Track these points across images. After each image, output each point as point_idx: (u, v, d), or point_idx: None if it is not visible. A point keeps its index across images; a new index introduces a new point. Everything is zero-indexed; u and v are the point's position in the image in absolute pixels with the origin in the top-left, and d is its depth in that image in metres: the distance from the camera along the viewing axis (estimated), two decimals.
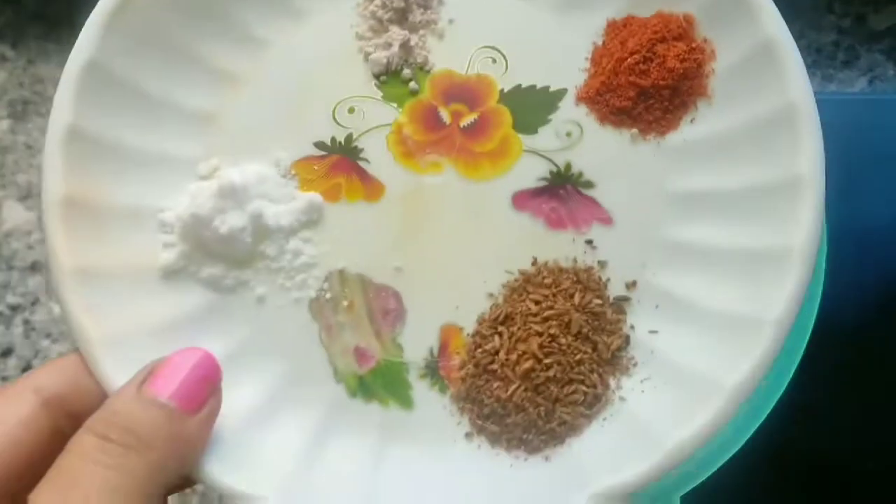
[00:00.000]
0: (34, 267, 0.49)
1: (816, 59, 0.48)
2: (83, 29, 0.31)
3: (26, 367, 0.48)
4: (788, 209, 0.29)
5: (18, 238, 0.50)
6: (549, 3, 0.33)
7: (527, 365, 0.29)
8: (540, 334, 0.30)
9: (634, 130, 0.32)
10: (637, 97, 0.32)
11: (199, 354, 0.28)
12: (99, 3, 0.31)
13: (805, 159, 0.29)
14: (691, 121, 0.32)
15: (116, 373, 0.28)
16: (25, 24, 0.52)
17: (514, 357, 0.30)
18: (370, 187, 0.32)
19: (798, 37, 0.50)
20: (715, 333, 0.29)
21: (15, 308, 0.49)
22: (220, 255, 0.31)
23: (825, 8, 0.49)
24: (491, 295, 0.31)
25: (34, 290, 0.49)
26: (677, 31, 0.32)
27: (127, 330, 0.29)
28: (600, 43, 0.33)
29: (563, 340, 0.30)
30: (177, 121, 0.32)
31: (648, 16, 0.32)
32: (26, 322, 0.49)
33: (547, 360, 0.30)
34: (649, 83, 0.32)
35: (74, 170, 0.30)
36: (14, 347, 0.48)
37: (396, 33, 0.33)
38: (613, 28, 0.33)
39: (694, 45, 0.32)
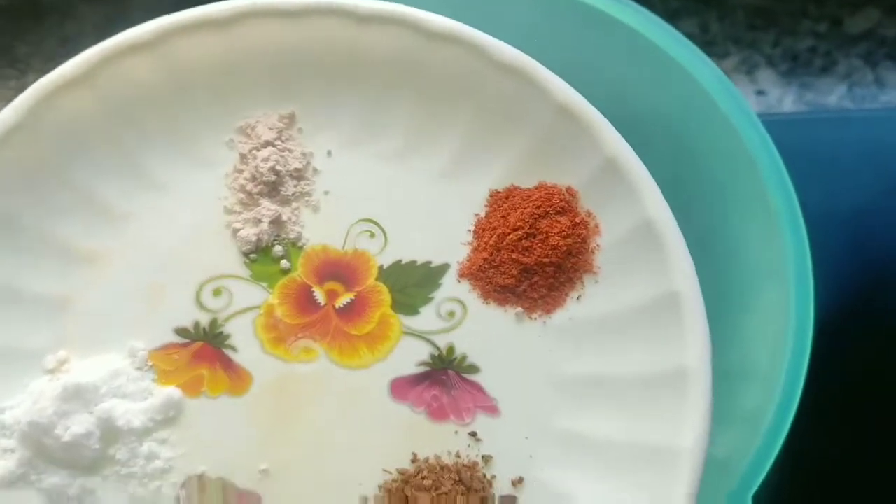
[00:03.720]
0: None
1: (793, 66, 0.47)
2: None
3: None
4: (676, 405, 0.27)
5: None
6: (430, 173, 0.31)
7: None
8: None
9: (519, 309, 0.30)
10: (520, 274, 0.30)
11: None
12: None
13: (691, 353, 0.27)
14: (577, 298, 0.30)
15: None
16: None
17: None
18: (235, 378, 0.30)
19: (774, 44, 0.48)
20: None
21: None
22: (64, 462, 0.28)
23: (800, 11, 0.47)
24: (366, 499, 0.29)
25: None
26: (560, 205, 0.31)
27: None
28: (482, 214, 0.31)
29: None
30: (24, 308, 0.30)
31: (531, 186, 0.31)
32: None
33: None
34: (533, 260, 0.30)
35: None
36: None
37: (267, 208, 0.31)
38: (496, 199, 0.31)
39: (577, 220, 0.30)
